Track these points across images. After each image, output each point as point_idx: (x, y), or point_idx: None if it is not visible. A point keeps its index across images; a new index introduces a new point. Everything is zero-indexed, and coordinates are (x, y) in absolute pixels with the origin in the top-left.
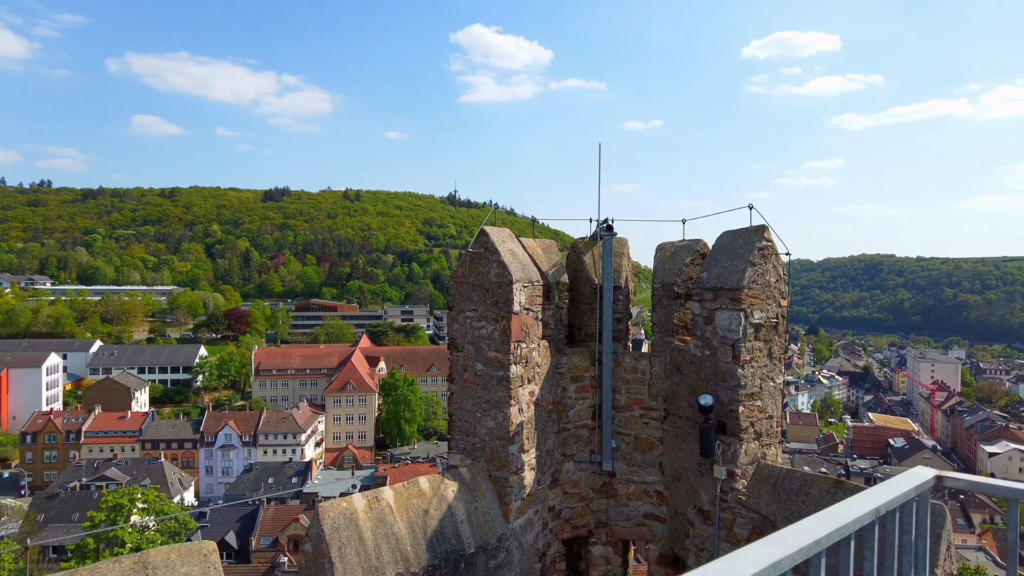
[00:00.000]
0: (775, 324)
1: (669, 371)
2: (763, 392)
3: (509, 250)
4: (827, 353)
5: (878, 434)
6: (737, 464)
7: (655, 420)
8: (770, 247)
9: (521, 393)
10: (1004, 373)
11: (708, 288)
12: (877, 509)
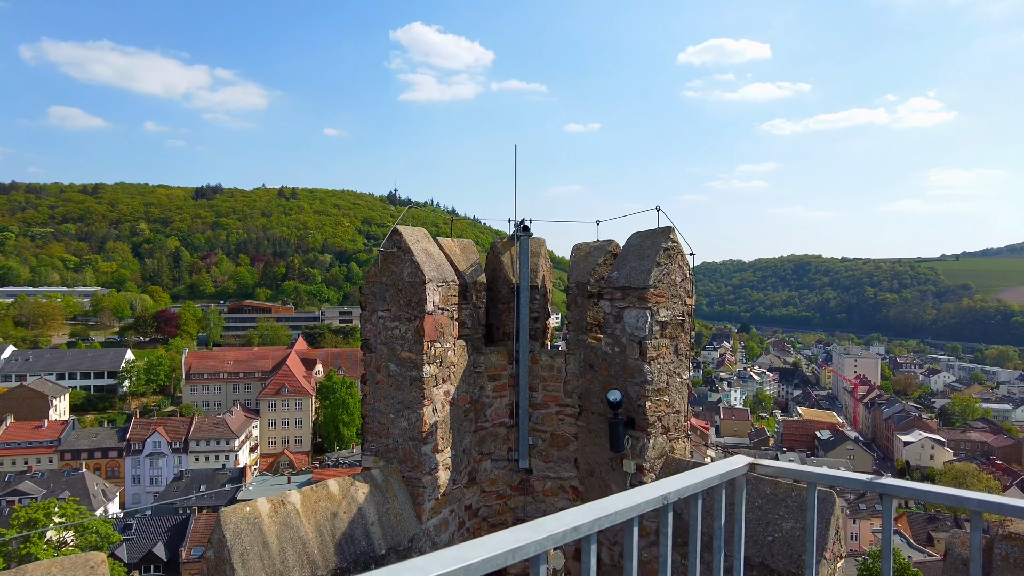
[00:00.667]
0: (681, 322)
1: (583, 368)
2: (670, 387)
3: (423, 249)
4: (758, 350)
5: (806, 427)
6: (645, 458)
7: (570, 417)
8: (676, 248)
9: (435, 393)
10: (918, 367)
11: (617, 287)
12: (666, 496)
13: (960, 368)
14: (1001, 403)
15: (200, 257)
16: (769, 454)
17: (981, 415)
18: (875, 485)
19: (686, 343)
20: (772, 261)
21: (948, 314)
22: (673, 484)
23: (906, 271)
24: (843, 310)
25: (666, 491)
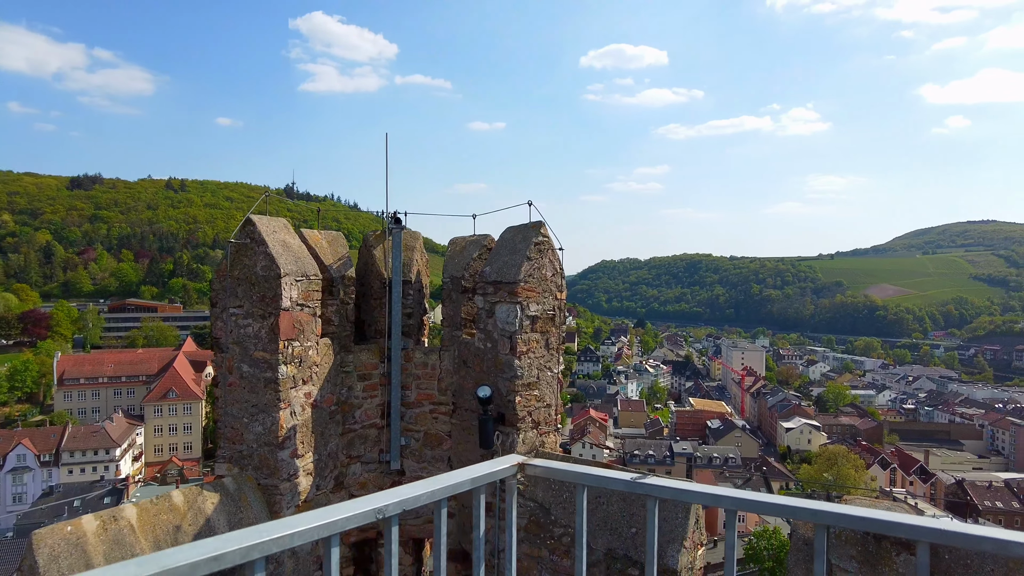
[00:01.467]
0: (552, 316)
1: (458, 365)
2: (541, 382)
3: (280, 241)
4: (653, 344)
5: (698, 417)
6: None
7: (444, 415)
8: (546, 242)
9: (294, 395)
10: (798, 359)
11: (490, 282)
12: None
13: (834, 359)
14: (867, 389)
15: (76, 252)
16: (664, 443)
17: (850, 401)
18: (637, 485)
19: (557, 337)
20: (666, 260)
21: (824, 309)
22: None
23: (788, 269)
24: (731, 306)
25: (382, 503)
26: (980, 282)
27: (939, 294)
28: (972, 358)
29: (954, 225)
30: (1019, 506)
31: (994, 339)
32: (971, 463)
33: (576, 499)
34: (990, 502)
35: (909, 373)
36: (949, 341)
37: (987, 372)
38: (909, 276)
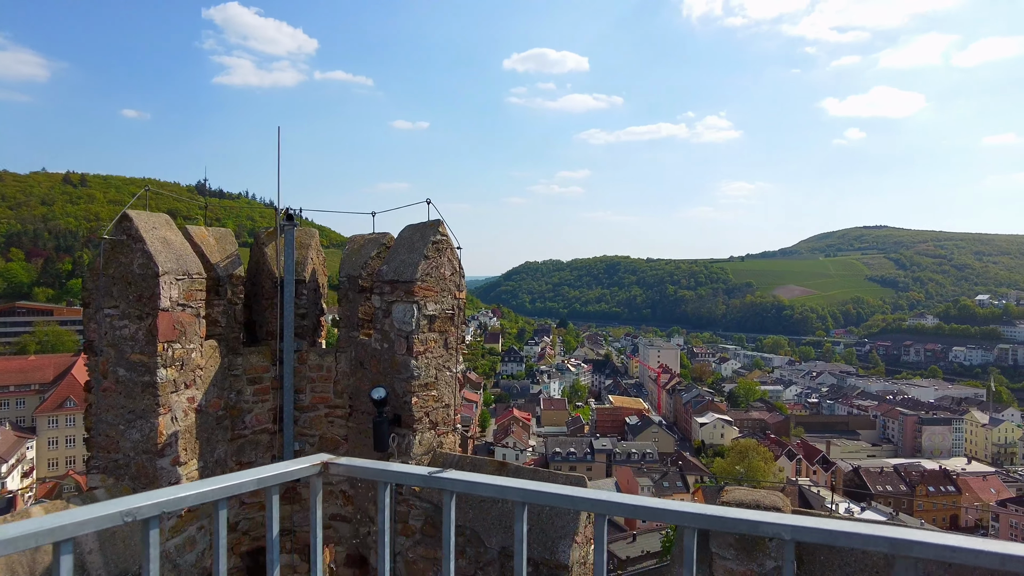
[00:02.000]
0: (451, 315)
1: (354, 366)
2: (439, 382)
3: (160, 238)
4: (575, 344)
5: (616, 414)
6: (411, 455)
7: (340, 418)
8: (445, 241)
9: (175, 399)
10: (711, 356)
11: (387, 281)
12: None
13: (744, 356)
14: (775, 385)
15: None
16: (584, 440)
17: (760, 396)
18: (434, 480)
19: (456, 337)
20: (587, 261)
21: (735, 309)
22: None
23: (701, 271)
24: (648, 306)
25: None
26: (874, 283)
27: (839, 294)
28: (867, 354)
29: (852, 230)
30: (906, 489)
31: (886, 336)
32: (866, 451)
33: (378, 497)
34: (881, 487)
35: (813, 369)
36: (848, 338)
37: (880, 367)
38: (813, 277)
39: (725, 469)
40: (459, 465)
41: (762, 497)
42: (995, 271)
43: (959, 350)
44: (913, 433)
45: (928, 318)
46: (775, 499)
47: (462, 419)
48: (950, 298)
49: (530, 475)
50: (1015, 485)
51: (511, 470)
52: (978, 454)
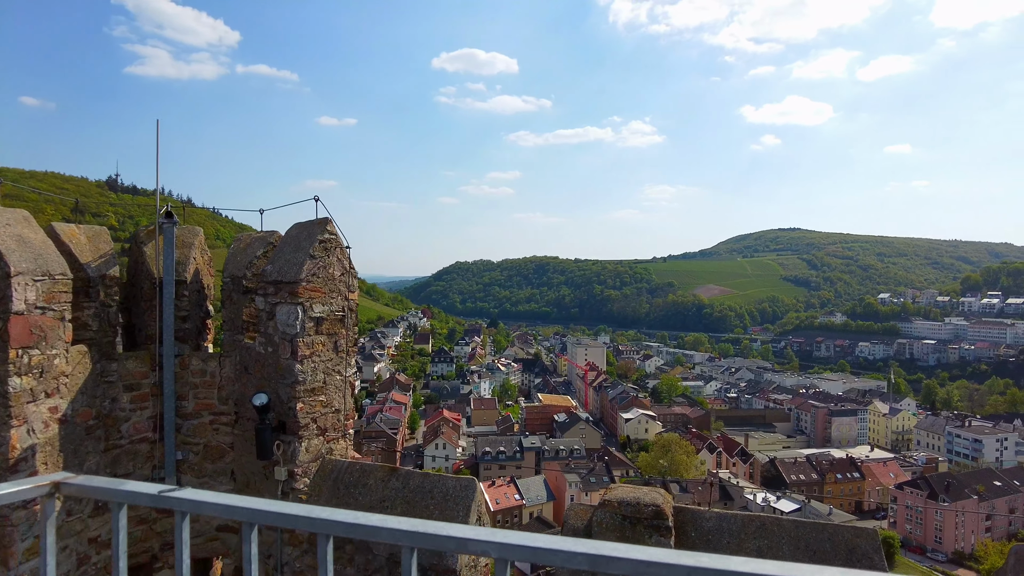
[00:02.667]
0: (341, 317)
1: (239, 371)
2: (328, 386)
3: (15, 235)
4: (505, 343)
5: (545, 411)
6: (297, 463)
7: (226, 425)
8: (333, 240)
9: (33, 410)
10: (636, 354)
11: (270, 281)
12: None
13: (667, 353)
14: (696, 381)
15: None
16: (514, 439)
17: (682, 392)
18: (163, 499)
19: (348, 339)
20: (517, 261)
21: (658, 308)
22: None
23: (626, 271)
24: (576, 305)
25: None
26: (788, 282)
27: (756, 293)
28: (782, 350)
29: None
30: (817, 477)
31: (799, 332)
32: (781, 443)
33: (112, 517)
34: (795, 476)
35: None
36: (764, 335)
37: (794, 362)
38: (731, 277)
39: (649, 463)
40: (347, 472)
41: (643, 494)
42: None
43: (864, 345)
44: (824, 424)
45: (837, 315)
46: (655, 496)
47: (390, 422)
48: (856, 297)
49: (420, 479)
50: (910, 469)
51: (401, 475)
52: (880, 442)
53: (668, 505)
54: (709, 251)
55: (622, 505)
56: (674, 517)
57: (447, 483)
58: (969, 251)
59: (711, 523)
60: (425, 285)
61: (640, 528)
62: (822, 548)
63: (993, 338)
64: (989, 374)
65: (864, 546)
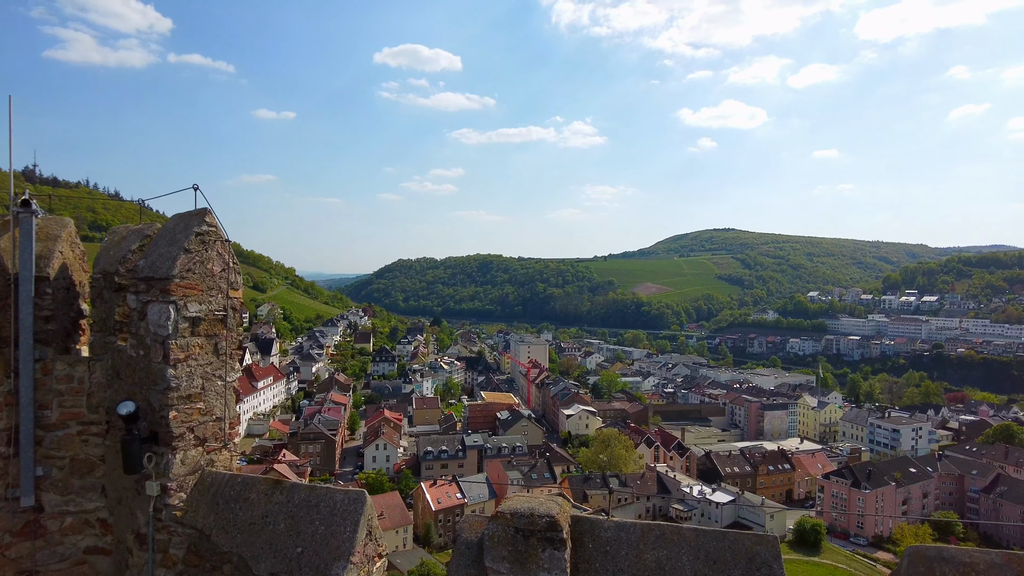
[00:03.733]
0: (222, 317)
1: (111, 377)
2: (208, 393)
3: None
4: (448, 341)
5: (488, 409)
6: (171, 476)
7: (96, 436)
8: (213, 233)
9: None
10: (577, 350)
11: (142, 278)
12: None
13: (607, 349)
14: (635, 376)
15: None
16: (456, 437)
17: (621, 387)
18: None
19: (231, 341)
20: (461, 260)
21: (599, 305)
22: None
23: (568, 270)
24: (520, 303)
25: None
26: (723, 281)
27: (692, 291)
28: (717, 346)
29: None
30: (750, 469)
31: (734, 329)
32: (717, 436)
33: None
34: (730, 468)
35: (669, 361)
36: (700, 332)
37: (728, 358)
38: (668, 276)
39: (590, 458)
40: (228, 485)
41: (538, 505)
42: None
43: (795, 341)
44: (756, 418)
45: (769, 313)
46: (551, 506)
47: (329, 423)
48: (787, 295)
49: (306, 493)
50: (836, 459)
51: (285, 488)
52: (809, 434)
53: (564, 515)
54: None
55: (515, 517)
56: (571, 527)
57: (335, 496)
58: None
59: (609, 533)
60: (367, 283)
61: (533, 540)
62: (722, 556)
63: (910, 334)
64: (906, 368)
65: (764, 553)
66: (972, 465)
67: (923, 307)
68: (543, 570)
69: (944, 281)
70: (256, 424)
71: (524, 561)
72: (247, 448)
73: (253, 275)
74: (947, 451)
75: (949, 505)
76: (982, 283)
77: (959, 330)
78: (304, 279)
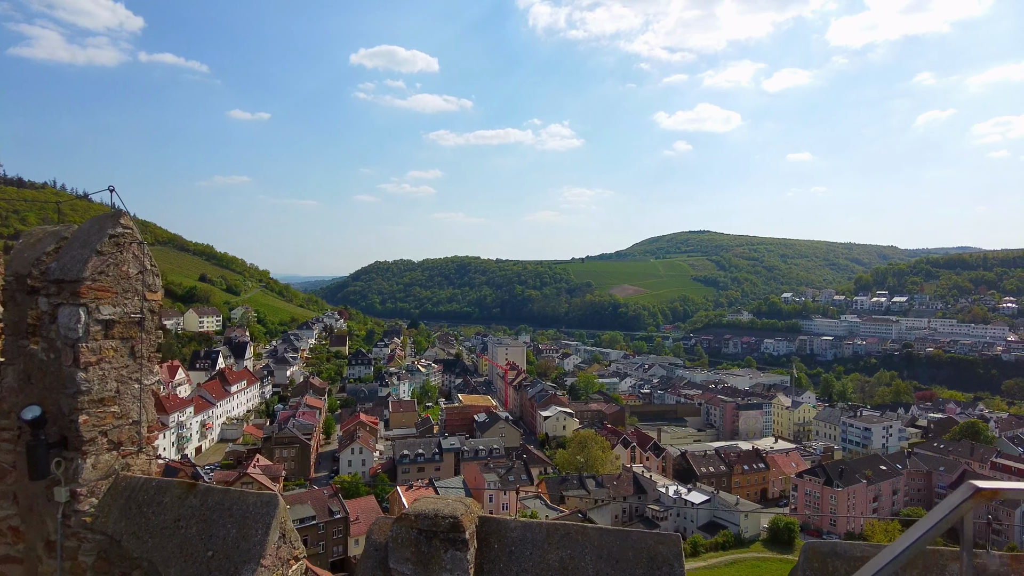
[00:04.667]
0: (139, 320)
1: (22, 381)
2: (122, 396)
3: None
4: (426, 344)
5: (465, 412)
6: (80, 482)
7: (7, 442)
8: (128, 235)
9: None
10: (555, 352)
11: (53, 280)
12: None
13: (585, 351)
14: (612, 377)
15: None
16: (433, 441)
17: (598, 388)
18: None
19: (149, 344)
20: (438, 261)
21: (577, 307)
22: None
23: (546, 271)
24: (498, 305)
25: None
26: (698, 282)
27: (668, 293)
28: (693, 347)
29: (679, 234)
30: (725, 469)
31: (709, 330)
32: (692, 436)
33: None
34: (705, 468)
35: (645, 362)
36: (676, 333)
37: (704, 359)
38: (645, 277)
39: (567, 460)
40: (142, 490)
41: (443, 507)
42: (796, 272)
43: (769, 342)
44: (732, 418)
45: (744, 314)
46: (457, 507)
47: (303, 427)
48: (761, 296)
49: (219, 496)
50: (810, 458)
51: (200, 492)
52: (783, 433)
53: (469, 517)
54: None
55: (419, 518)
56: (478, 528)
57: (247, 500)
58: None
59: (516, 533)
60: (343, 285)
61: (436, 542)
62: (624, 556)
63: (881, 334)
64: (878, 367)
65: (665, 552)
66: (939, 462)
67: (894, 308)
68: (445, 571)
69: (913, 282)
70: (229, 429)
71: (427, 562)
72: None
73: (227, 278)
74: (916, 448)
75: (918, 501)
76: (949, 284)
77: (928, 330)
78: (279, 281)
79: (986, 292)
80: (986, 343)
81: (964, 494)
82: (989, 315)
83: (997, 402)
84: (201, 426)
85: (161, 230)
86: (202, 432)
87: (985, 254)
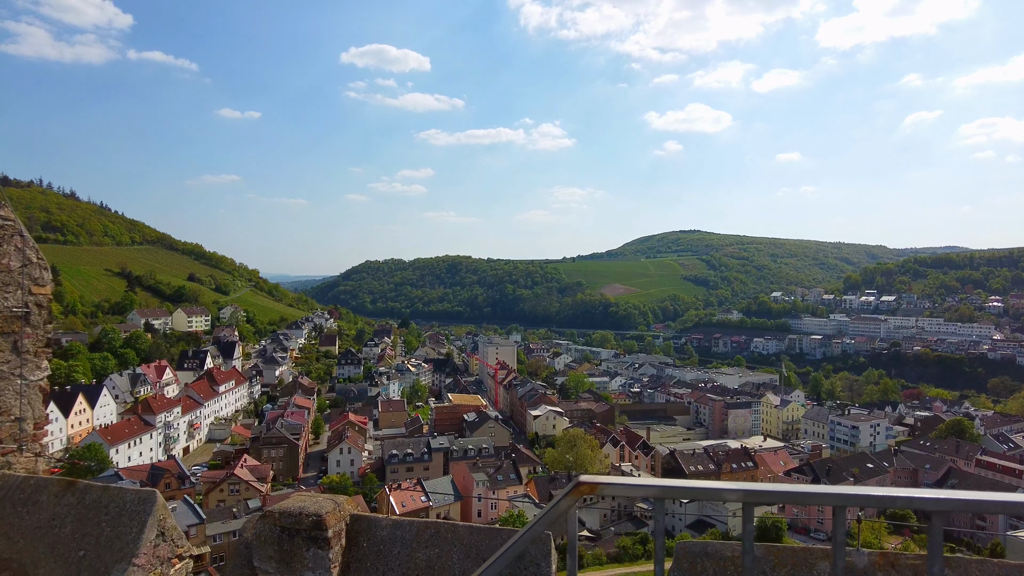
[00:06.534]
0: (24, 314)
1: None
2: (4, 392)
3: None
4: (416, 343)
5: (455, 411)
6: None
7: None
8: (10, 227)
9: None
10: (545, 351)
11: None
12: None
13: (575, 350)
14: (602, 377)
15: None
16: (422, 440)
17: (588, 387)
18: None
19: (36, 339)
20: (429, 261)
21: (567, 306)
22: None
23: (537, 271)
24: (489, 304)
25: None
26: (688, 282)
27: (658, 292)
28: (683, 346)
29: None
30: (714, 467)
31: (699, 329)
32: (682, 435)
33: None
34: (694, 467)
35: (636, 361)
36: (666, 332)
37: (693, 357)
38: (635, 277)
39: (556, 459)
40: (20, 487)
41: (309, 504)
42: (786, 271)
43: (759, 341)
44: (721, 416)
45: (734, 313)
46: (324, 505)
47: (292, 427)
48: (751, 295)
49: (97, 494)
50: (798, 456)
51: (78, 490)
52: (772, 432)
53: (336, 515)
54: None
55: (283, 516)
56: (349, 526)
57: (125, 497)
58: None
59: (385, 532)
60: (333, 285)
61: (299, 540)
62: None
63: (870, 333)
64: (866, 366)
65: (533, 552)
66: (925, 459)
67: (882, 307)
68: (308, 569)
69: (901, 281)
70: (218, 429)
71: (289, 561)
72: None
73: (216, 277)
74: (903, 446)
75: None
76: (936, 283)
77: (915, 329)
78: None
79: (973, 291)
80: (972, 342)
81: (569, 487)
82: (975, 314)
83: (983, 400)
84: (189, 426)
85: (150, 229)
86: (190, 432)
87: (972, 254)
